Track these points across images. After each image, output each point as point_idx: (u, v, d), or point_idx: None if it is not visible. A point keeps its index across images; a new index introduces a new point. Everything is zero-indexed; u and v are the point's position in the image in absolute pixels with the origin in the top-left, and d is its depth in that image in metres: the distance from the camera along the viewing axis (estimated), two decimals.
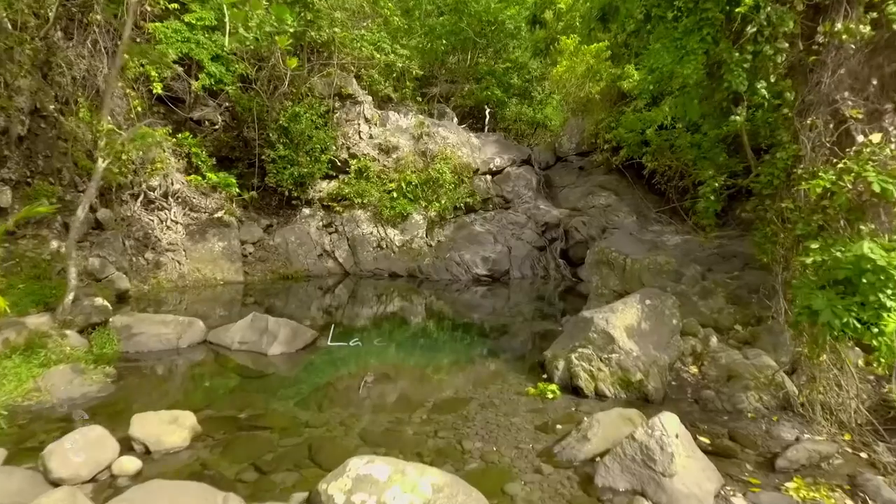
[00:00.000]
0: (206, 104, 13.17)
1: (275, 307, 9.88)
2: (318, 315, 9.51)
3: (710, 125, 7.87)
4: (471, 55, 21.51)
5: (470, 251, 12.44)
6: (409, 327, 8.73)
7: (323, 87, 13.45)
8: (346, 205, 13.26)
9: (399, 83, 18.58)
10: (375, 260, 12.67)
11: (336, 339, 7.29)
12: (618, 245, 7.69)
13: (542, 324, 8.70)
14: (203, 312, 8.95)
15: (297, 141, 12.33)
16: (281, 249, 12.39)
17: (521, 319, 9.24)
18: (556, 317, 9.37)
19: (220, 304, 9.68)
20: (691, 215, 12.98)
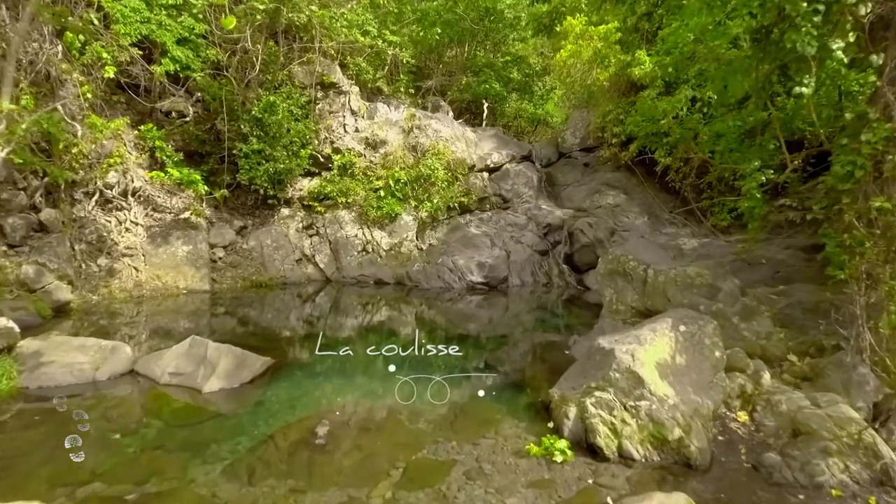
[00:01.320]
0: (177, 94, 11.83)
1: (248, 317, 8.59)
2: (299, 326, 8.23)
3: (753, 106, 6.52)
4: (468, 48, 20.18)
5: (464, 256, 11.10)
6: (394, 343, 7.38)
7: (304, 76, 12.12)
8: (328, 205, 11.93)
9: (392, 76, 17.29)
10: (360, 265, 11.33)
11: (324, 348, 6.75)
12: (636, 252, 6.35)
13: (544, 339, 7.37)
14: (163, 327, 7.66)
15: (272, 134, 10.99)
16: (255, 254, 11.06)
17: (521, 331, 7.90)
18: (560, 329, 8.04)
19: (183, 316, 8.37)
20: (709, 216, 11.65)
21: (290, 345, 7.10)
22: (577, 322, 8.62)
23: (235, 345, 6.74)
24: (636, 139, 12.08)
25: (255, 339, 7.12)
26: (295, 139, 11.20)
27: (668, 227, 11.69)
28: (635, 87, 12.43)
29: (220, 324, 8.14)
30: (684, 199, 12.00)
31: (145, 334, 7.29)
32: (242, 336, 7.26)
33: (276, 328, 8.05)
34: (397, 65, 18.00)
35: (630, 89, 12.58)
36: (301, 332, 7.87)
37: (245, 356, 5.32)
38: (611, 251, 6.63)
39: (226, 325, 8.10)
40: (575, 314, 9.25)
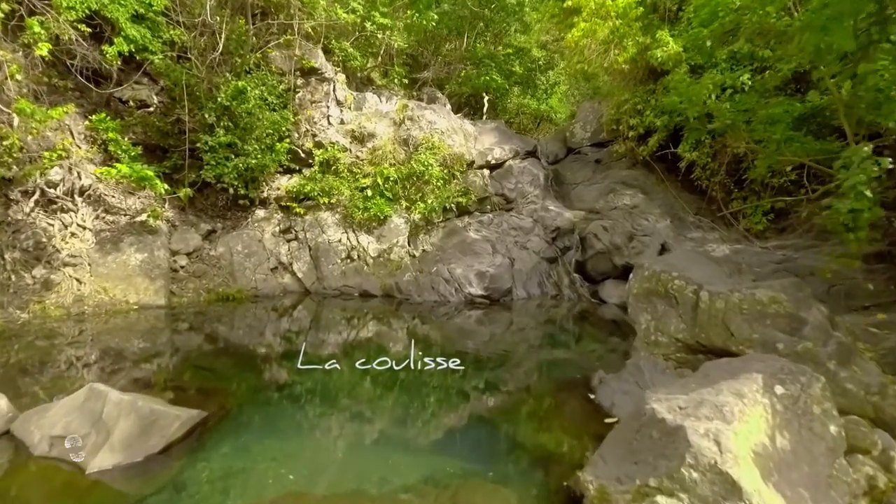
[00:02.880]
0: (140, 81, 10.33)
1: (205, 341, 7.09)
2: (266, 350, 6.73)
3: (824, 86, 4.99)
4: (467, 39, 18.67)
5: (462, 264, 9.58)
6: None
7: (283, 61, 10.62)
8: (309, 205, 10.44)
9: (386, 66, 15.82)
10: (343, 275, 9.82)
11: (308, 361, 5.93)
12: (682, 268, 4.84)
13: (561, 375, 5.85)
14: (112, 349, 6.17)
15: (243, 125, 9.49)
16: (224, 262, 9.55)
17: (529, 365, 6.37)
18: (577, 360, 6.51)
19: (137, 337, 6.89)
20: (741, 218, 10.13)
21: (247, 380, 5.58)
22: (595, 345, 7.11)
23: (171, 382, 5.32)
24: (656, 132, 10.60)
25: (200, 375, 5.61)
26: (269, 131, 9.70)
27: (693, 231, 10.17)
28: (655, 73, 10.92)
29: (166, 348, 6.64)
30: (712, 200, 10.50)
31: (65, 367, 5.79)
32: (183, 370, 5.76)
33: (235, 355, 6.54)
34: (391, 55, 16.57)
35: (649, 76, 11.07)
36: (266, 360, 6.35)
37: (156, 415, 3.80)
38: (647, 265, 5.10)
39: (172, 349, 6.59)
40: (590, 334, 7.74)
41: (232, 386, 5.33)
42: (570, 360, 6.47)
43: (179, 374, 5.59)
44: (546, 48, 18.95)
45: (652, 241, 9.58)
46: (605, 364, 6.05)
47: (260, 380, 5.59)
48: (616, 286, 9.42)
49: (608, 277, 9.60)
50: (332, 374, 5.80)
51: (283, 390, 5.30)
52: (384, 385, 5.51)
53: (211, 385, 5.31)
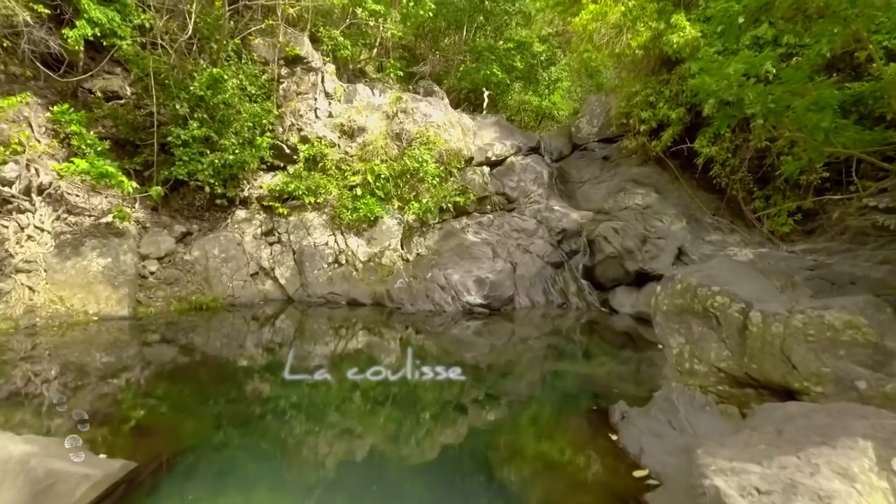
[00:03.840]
0: (113, 71, 9.44)
1: (183, 349, 6.20)
2: (249, 359, 5.77)
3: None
4: (466, 32, 17.75)
5: (459, 270, 8.68)
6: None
7: (266, 49, 9.73)
8: (294, 205, 9.54)
9: (380, 58, 14.95)
10: (330, 281, 8.92)
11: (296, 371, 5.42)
12: (724, 281, 3.93)
13: (576, 407, 4.93)
14: (48, 369, 5.26)
15: (219, 117, 8.59)
16: (199, 267, 8.65)
17: (537, 389, 5.46)
18: (590, 383, 5.59)
19: (86, 354, 5.99)
20: (764, 220, 9.21)
21: (207, 411, 4.66)
22: (609, 364, 6.20)
23: (106, 415, 4.40)
24: (670, 125, 9.69)
25: (147, 406, 4.69)
26: (249, 124, 8.80)
27: (711, 234, 9.25)
28: (669, 62, 10.01)
29: (116, 367, 5.72)
30: (731, 199, 9.58)
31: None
32: (127, 398, 4.84)
33: (197, 377, 5.63)
34: (387, 48, 15.68)
35: (662, 66, 10.15)
36: (236, 383, 5.43)
37: (54, 477, 2.90)
38: (680, 276, 4.19)
39: (122, 369, 5.67)
40: (602, 349, 6.84)
41: (185, 420, 4.43)
42: (583, 384, 5.56)
43: (121, 403, 4.68)
44: (548, 42, 18.05)
45: (667, 245, 8.67)
46: (623, 388, 5.15)
47: (224, 409, 4.68)
48: (628, 294, 8.52)
49: (619, 284, 8.70)
50: (315, 395, 5.05)
51: (251, 423, 4.39)
52: (375, 411, 4.61)
53: (157, 420, 4.40)
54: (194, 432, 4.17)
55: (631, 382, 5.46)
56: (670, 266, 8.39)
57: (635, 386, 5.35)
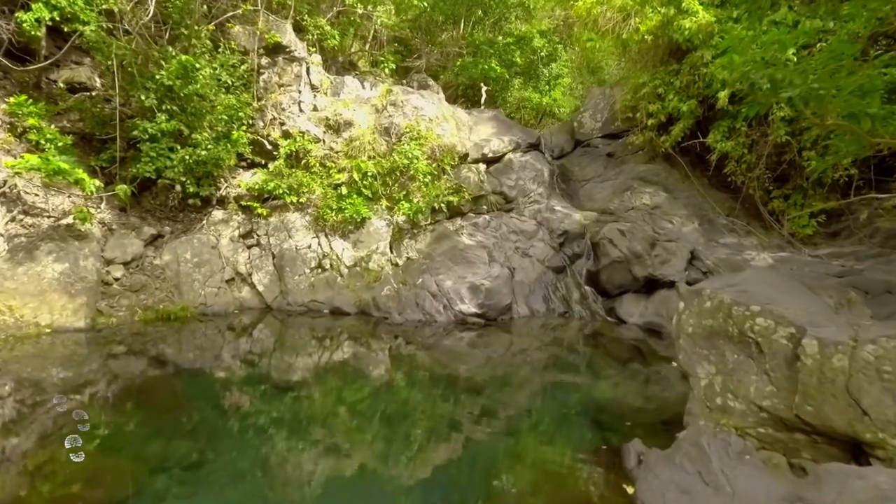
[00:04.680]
0: (81, 61, 8.71)
1: (138, 368, 5.42)
2: (211, 382, 5.03)
3: None
4: (463, 26, 17.01)
5: (452, 275, 7.93)
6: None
7: (246, 38, 8.98)
8: (275, 206, 8.80)
9: (374, 51, 14.24)
10: (312, 288, 8.17)
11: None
12: (763, 297, 3.18)
13: (583, 444, 4.17)
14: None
15: (191, 109, 7.85)
16: (169, 272, 7.91)
17: (535, 404, 4.70)
18: (600, 410, 4.83)
19: (20, 374, 5.22)
20: (784, 221, 8.45)
21: (145, 458, 3.92)
22: (618, 384, 5.45)
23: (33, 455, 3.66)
24: (680, 119, 8.94)
25: (62, 456, 3.92)
26: (224, 117, 8.04)
27: (726, 236, 8.49)
28: (678, 51, 9.26)
29: (50, 393, 4.97)
30: (747, 198, 8.82)
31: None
32: (48, 440, 4.09)
33: (144, 407, 4.86)
34: (381, 42, 14.96)
35: (671, 55, 9.40)
36: (191, 414, 4.68)
37: None
38: (709, 291, 3.43)
39: (57, 395, 4.92)
40: (608, 365, 6.08)
41: (128, 464, 3.68)
42: (590, 412, 4.79)
43: (34, 450, 3.92)
44: (549, 37, 17.29)
45: (678, 248, 7.92)
46: (637, 417, 4.39)
47: (170, 450, 3.93)
48: (636, 302, 7.76)
49: (626, 291, 7.95)
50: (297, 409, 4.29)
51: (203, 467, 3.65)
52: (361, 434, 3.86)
53: (71, 475, 3.63)
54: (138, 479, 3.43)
55: (645, 409, 4.70)
56: (682, 272, 7.64)
57: (651, 414, 4.60)
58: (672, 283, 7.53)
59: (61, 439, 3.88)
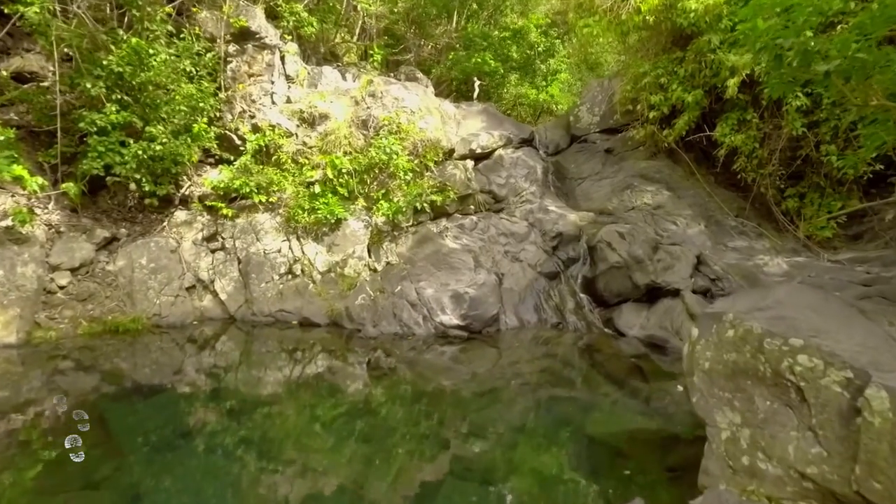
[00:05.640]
0: (32, 49, 7.94)
1: (64, 398, 4.69)
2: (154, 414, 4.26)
3: None
4: (457, 17, 16.21)
5: (435, 282, 7.15)
6: None
7: (213, 24, 8.20)
8: (243, 206, 8.02)
9: (364, 42, 13.49)
10: (280, 296, 7.39)
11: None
12: (806, 327, 2.40)
13: (567, 492, 3.38)
14: None
15: (144, 100, 7.07)
16: (123, 279, 7.13)
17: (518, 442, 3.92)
18: (593, 466, 4.03)
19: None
20: (799, 222, 7.64)
21: None
22: (616, 415, 4.65)
23: None
24: (685, 110, 8.14)
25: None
26: (183, 108, 7.26)
27: (735, 239, 7.70)
28: (682, 39, 8.47)
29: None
30: (758, 197, 8.02)
31: None
32: None
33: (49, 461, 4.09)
34: (370, 33, 14.19)
35: (675, 43, 8.60)
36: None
37: None
38: (732, 315, 2.64)
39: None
40: (602, 386, 5.29)
41: None
42: (584, 456, 4.00)
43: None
44: (546, 32, 16.49)
45: (683, 252, 7.12)
46: (640, 459, 3.59)
47: (128, 478, 3.24)
48: (637, 312, 6.96)
49: (626, 300, 7.15)
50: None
51: None
52: None
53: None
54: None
55: (647, 449, 3.90)
56: (687, 278, 6.84)
57: (654, 456, 3.80)
58: (676, 291, 6.73)
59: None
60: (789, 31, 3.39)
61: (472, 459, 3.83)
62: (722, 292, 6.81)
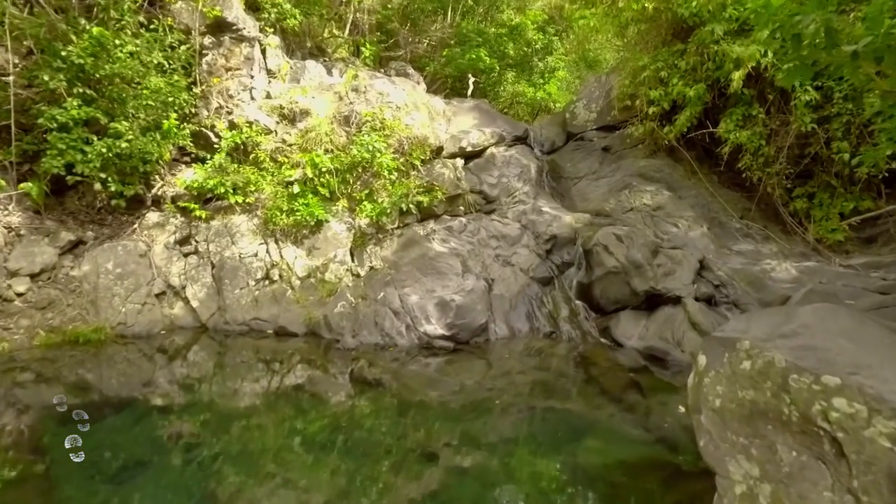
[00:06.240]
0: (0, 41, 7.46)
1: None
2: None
3: None
4: (451, 14, 15.73)
5: (420, 289, 6.67)
6: None
7: (188, 15, 7.73)
8: (220, 207, 7.55)
9: (354, 37, 13.01)
10: (255, 303, 6.91)
11: None
12: (844, 361, 1.93)
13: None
14: None
15: (109, 94, 6.60)
16: (87, 286, 6.66)
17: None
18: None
19: None
20: (808, 224, 7.16)
21: None
22: (609, 440, 4.17)
23: None
24: (686, 106, 7.67)
25: None
26: (150, 103, 6.78)
27: (740, 242, 7.21)
28: (683, 31, 8.01)
29: None
30: (764, 198, 7.54)
31: None
32: None
33: None
34: (362, 30, 13.71)
35: (675, 35, 8.13)
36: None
37: None
38: (748, 342, 2.15)
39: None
40: (598, 407, 4.82)
41: None
42: (575, 498, 3.53)
43: None
44: (544, 29, 16.01)
45: (685, 257, 6.64)
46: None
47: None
48: (635, 321, 6.48)
49: (624, 307, 6.67)
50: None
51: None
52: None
53: None
54: None
55: (648, 489, 3.42)
56: (689, 284, 6.36)
57: (657, 493, 3.32)
58: (678, 298, 6.26)
59: None
60: (808, 5, 2.90)
61: (454, 499, 3.36)
62: (726, 299, 6.35)
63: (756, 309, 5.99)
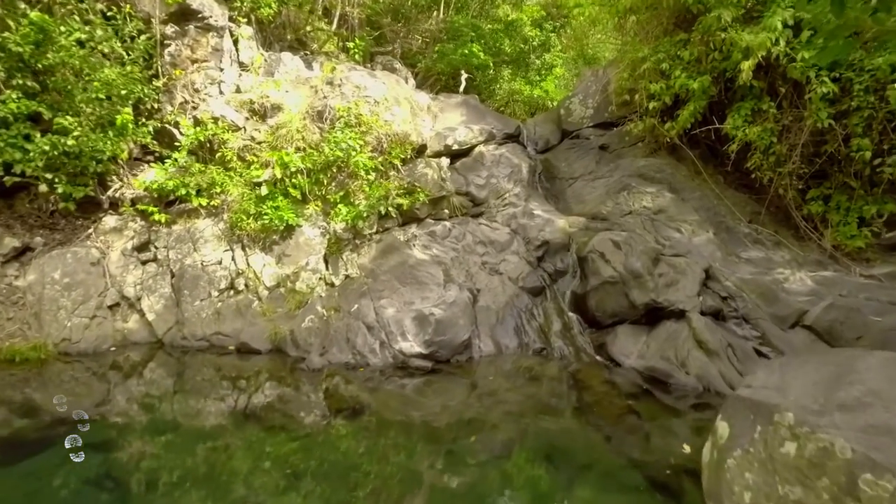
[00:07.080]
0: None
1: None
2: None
3: None
4: (445, 11, 15.07)
5: (397, 300, 6.02)
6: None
7: (150, 2, 7.08)
8: (184, 210, 6.91)
9: (343, 32, 12.39)
10: (217, 316, 6.26)
11: None
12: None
13: None
14: None
15: (55, 86, 5.95)
16: (32, 297, 6.01)
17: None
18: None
19: None
20: (824, 230, 6.48)
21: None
22: (606, 486, 3.52)
23: None
24: (690, 100, 7.01)
25: None
26: (101, 96, 6.13)
27: (750, 249, 6.55)
28: (685, 20, 7.36)
29: None
30: (775, 200, 6.89)
31: None
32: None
33: None
34: (351, 24, 13.08)
35: (677, 24, 7.47)
36: None
37: None
38: (790, 414, 1.48)
39: None
40: (592, 447, 4.16)
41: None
42: None
43: None
44: (541, 25, 15.35)
45: (689, 266, 5.98)
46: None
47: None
48: (634, 337, 5.82)
49: (622, 321, 6.01)
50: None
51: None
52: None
53: None
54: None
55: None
56: (694, 296, 5.70)
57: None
58: (681, 312, 5.60)
59: None
60: None
61: None
62: (735, 314, 5.69)
63: (771, 325, 5.34)
